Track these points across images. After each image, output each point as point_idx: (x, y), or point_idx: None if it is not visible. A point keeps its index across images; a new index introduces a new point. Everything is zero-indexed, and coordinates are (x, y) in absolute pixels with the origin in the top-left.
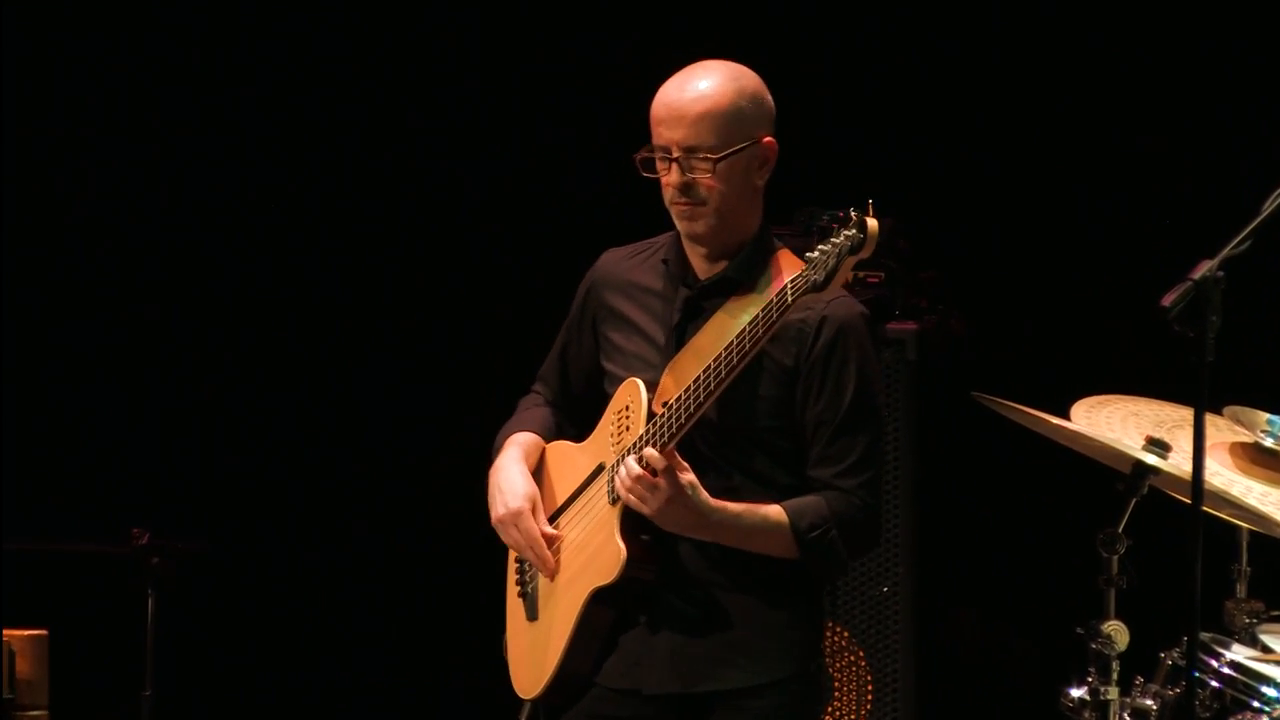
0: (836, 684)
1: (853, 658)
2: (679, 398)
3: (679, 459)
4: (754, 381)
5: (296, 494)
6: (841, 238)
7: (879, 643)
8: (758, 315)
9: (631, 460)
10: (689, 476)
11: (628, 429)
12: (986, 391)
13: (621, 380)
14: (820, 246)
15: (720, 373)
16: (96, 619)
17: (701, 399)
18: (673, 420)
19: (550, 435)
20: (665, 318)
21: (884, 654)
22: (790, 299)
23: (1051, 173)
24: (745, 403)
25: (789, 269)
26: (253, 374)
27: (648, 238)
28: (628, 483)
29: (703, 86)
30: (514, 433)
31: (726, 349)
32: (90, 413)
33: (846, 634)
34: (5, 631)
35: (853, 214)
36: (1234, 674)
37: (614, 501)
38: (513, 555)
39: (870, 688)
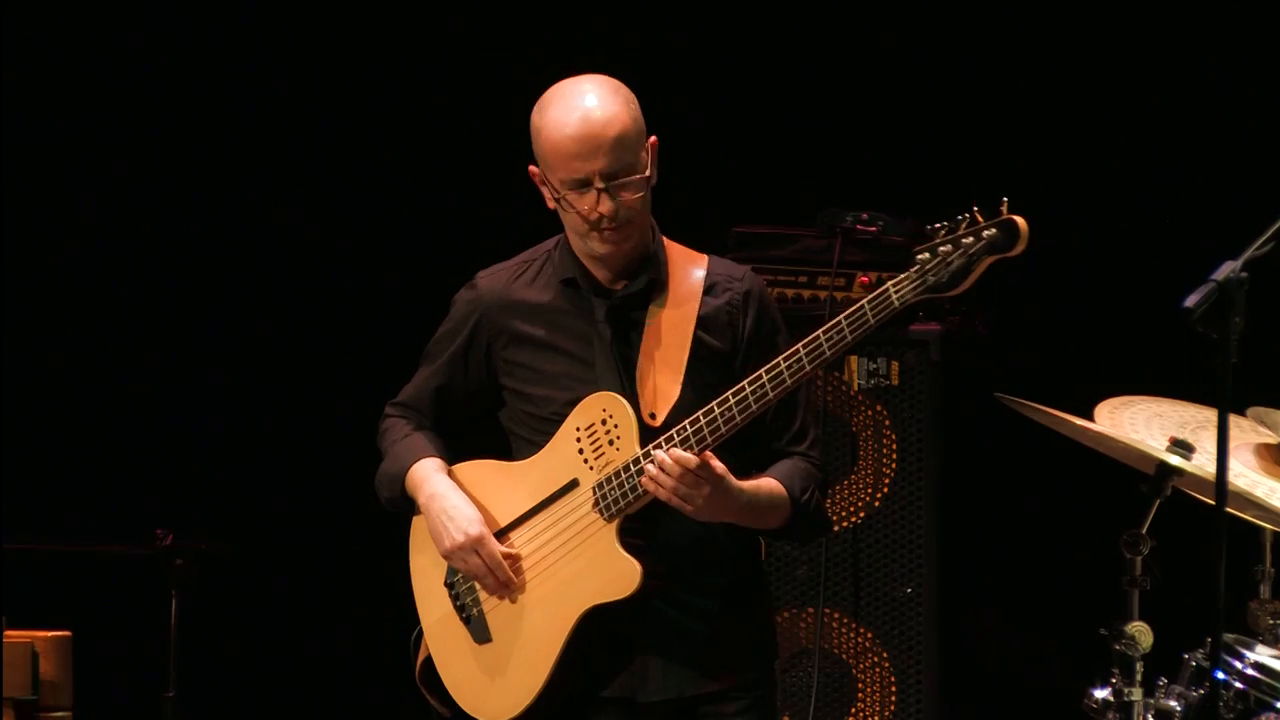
0: (860, 685)
1: (876, 659)
2: (716, 407)
3: (708, 453)
4: (697, 374)
5: (319, 495)
6: (977, 238)
7: (902, 644)
8: (840, 321)
9: (670, 462)
10: (722, 465)
11: (610, 444)
12: (1010, 393)
13: (552, 401)
14: (939, 247)
15: (782, 379)
16: (120, 620)
17: (753, 407)
18: (707, 429)
19: (448, 459)
20: (586, 334)
21: (907, 655)
22: (897, 303)
23: (1074, 174)
24: (701, 394)
25: (682, 259)
26: (276, 376)
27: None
28: (670, 482)
29: (599, 109)
30: (417, 459)
31: (791, 355)
32: (114, 414)
33: (870, 635)
34: (29, 633)
35: (975, 214)
36: (1258, 675)
37: (611, 517)
38: (436, 581)
39: (894, 689)
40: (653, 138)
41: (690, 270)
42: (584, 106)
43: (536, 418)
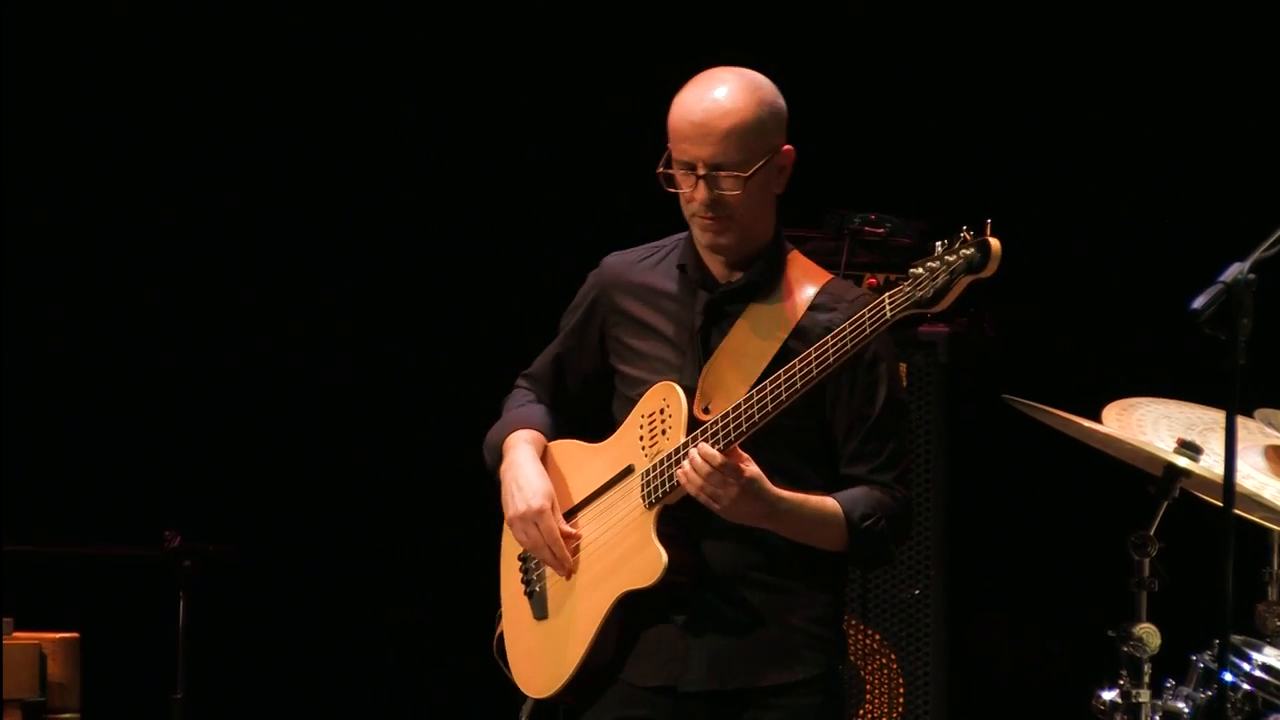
0: (868, 687)
1: (884, 660)
2: (742, 404)
3: (740, 453)
4: None
5: (327, 497)
6: (956, 256)
7: (910, 645)
8: (845, 329)
9: (699, 458)
10: (754, 469)
11: (664, 433)
12: (1018, 394)
13: (642, 383)
14: (929, 263)
15: (794, 383)
16: (128, 622)
17: (769, 408)
18: (731, 425)
19: (550, 433)
20: (685, 322)
21: (915, 657)
22: (890, 315)
23: (1081, 175)
24: None
25: (801, 272)
26: (284, 377)
27: (653, 239)
28: (698, 480)
29: (726, 101)
30: (516, 429)
31: (803, 360)
32: (122, 416)
33: (878, 637)
34: (37, 634)
35: (965, 233)
36: (1265, 677)
37: (651, 505)
38: (514, 554)
39: (902, 690)
40: (787, 146)
41: (805, 284)
42: (712, 94)
43: (629, 400)
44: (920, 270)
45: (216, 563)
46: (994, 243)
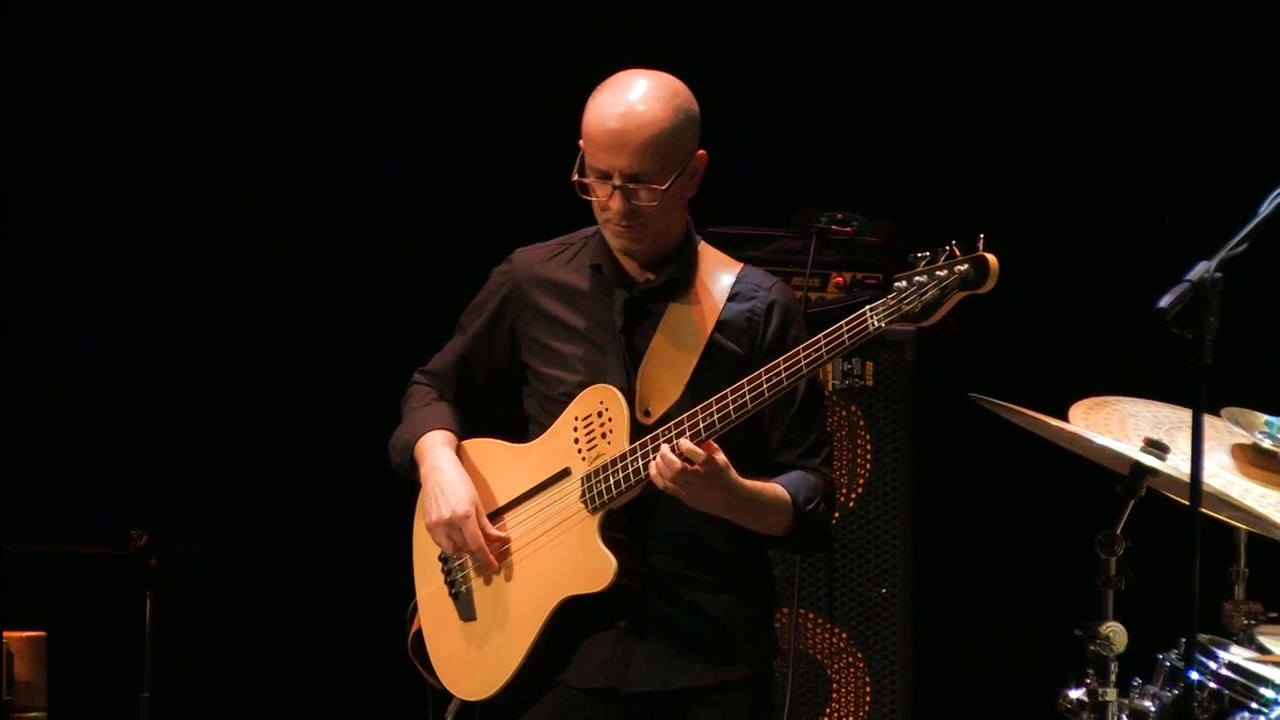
0: (834, 686)
1: (851, 659)
2: (713, 404)
3: (713, 444)
4: (704, 377)
5: (294, 496)
6: (950, 272)
7: (877, 644)
8: (818, 339)
9: (672, 455)
10: (723, 458)
11: (603, 437)
12: (984, 393)
13: (562, 383)
14: (915, 276)
15: (761, 391)
16: (95, 621)
17: (732, 415)
18: (703, 426)
19: (461, 432)
20: (604, 321)
21: (882, 656)
22: (872, 328)
23: (1049, 173)
24: (703, 398)
25: (714, 264)
26: (251, 376)
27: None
28: (669, 473)
29: (643, 109)
30: (428, 429)
31: (770, 370)
32: (89, 414)
33: (845, 635)
34: (4, 633)
35: (953, 247)
36: (1232, 675)
37: (595, 509)
38: (433, 553)
39: (868, 689)
40: (701, 151)
41: (720, 275)
42: (628, 101)
43: (548, 398)
44: (904, 284)
45: (183, 561)
46: (991, 259)
